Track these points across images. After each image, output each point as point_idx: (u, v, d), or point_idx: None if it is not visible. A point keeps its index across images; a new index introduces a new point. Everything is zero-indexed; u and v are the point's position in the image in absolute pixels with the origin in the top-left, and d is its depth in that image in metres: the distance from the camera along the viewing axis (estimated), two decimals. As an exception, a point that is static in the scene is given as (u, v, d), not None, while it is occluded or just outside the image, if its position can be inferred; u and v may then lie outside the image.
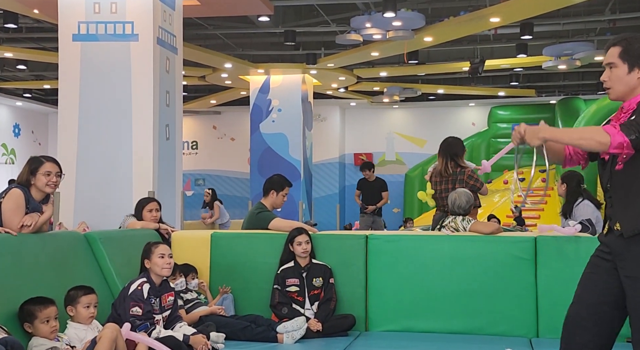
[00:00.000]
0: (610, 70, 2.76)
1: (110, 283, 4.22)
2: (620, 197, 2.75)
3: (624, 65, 2.72)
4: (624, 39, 2.77)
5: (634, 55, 2.71)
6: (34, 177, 3.93)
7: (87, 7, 6.79)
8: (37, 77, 15.27)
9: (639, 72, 2.71)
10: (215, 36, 12.28)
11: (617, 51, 2.74)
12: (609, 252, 2.80)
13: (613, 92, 2.78)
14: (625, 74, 2.72)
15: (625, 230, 2.70)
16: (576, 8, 10.13)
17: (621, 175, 2.73)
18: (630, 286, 2.70)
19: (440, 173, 5.80)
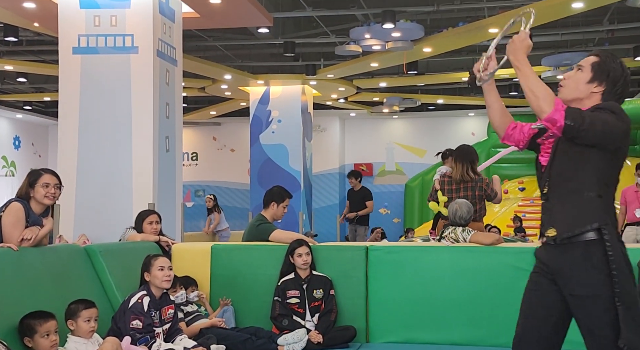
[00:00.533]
0: (575, 72, 2.80)
1: (111, 296, 4.21)
2: (557, 198, 2.73)
3: (590, 73, 2.76)
4: (606, 54, 2.82)
5: (602, 70, 2.75)
6: (32, 190, 3.93)
7: (87, 20, 6.83)
8: (37, 90, 15.31)
9: (596, 86, 2.75)
10: (215, 48, 12.32)
11: (593, 60, 2.79)
12: (547, 271, 2.76)
13: (564, 90, 2.80)
14: (584, 81, 2.76)
15: (560, 232, 2.66)
16: (575, 18, 10.18)
17: (559, 176, 2.73)
18: (578, 306, 2.65)
19: (457, 180, 5.77)
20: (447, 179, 5.93)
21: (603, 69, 2.76)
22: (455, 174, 5.80)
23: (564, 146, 2.72)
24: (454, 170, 5.84)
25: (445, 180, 5.95)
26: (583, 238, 2.64)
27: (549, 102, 2.59)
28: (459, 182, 5.80)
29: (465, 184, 5.79)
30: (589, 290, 2.61)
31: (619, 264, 2.60)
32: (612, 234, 2.63)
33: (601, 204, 2.68)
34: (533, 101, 2.64)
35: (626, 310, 2.58)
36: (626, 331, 2.57)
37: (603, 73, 2.75)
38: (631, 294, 2.62)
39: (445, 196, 5.84)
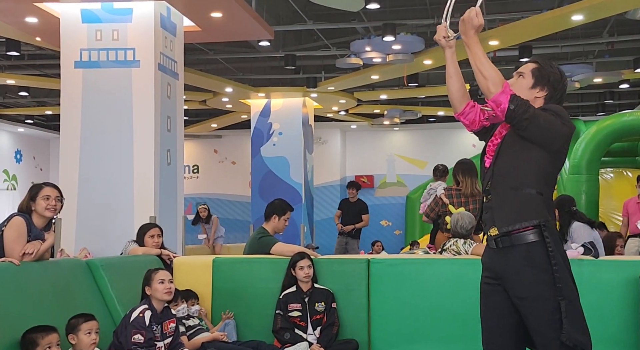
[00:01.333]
0: (517, 79, 2.89)
1: (112, 310, 4.20)
2: (497, 196, 2.78)
3: (531, 79, 2.85)
4: (543, 60, 2.91)
5: (542, 75, 2.84)
6: (34, 203, 3.95)
7: (89, 34, 6.86)
8: (38, 104, 15.35)
9: (539, 91, 2.84)
10: (216, 61, 12.37)
11: (532, 66, 2.88)
12: (493, 277, 2.81)
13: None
14: (527, 87, 2.84)
15: (499, 226, 2.70)
16: (574, 31, 10.21)
17: (500, 174, 2.77)
18: (525, 307, 2.70)
19: (468, 193, 5.93)
20: (455, 192, 6.00)
21: (543, 74, 2.85)
22: (465, 187, 5.93)
23: (507, 144, 2.79)
24: (464, 184, 5.95)
25: (453, 193, 6.02)
26: (524, 240, 2.69)
27: (497, 84, 2.67)
28: (468, 196, 5.93)
29: (473, 197, 5.92)
30: (534, 292, 2.67)
31: (559, 261, 2.66)
32: (552, 231, 2.70)
33: (542, 202, 2.73)
34: (482, 82, 2.73)
35: (568, 304, 2.63)
36: (568, 326, 2.62)
37: (544, 78, 2.84)
38: (572, 290, 2.69)
39: (460, 208, 5.84)
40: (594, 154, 11.06)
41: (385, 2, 9.13)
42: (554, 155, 2.76)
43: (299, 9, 9.62)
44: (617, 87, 13.65)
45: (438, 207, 6.18)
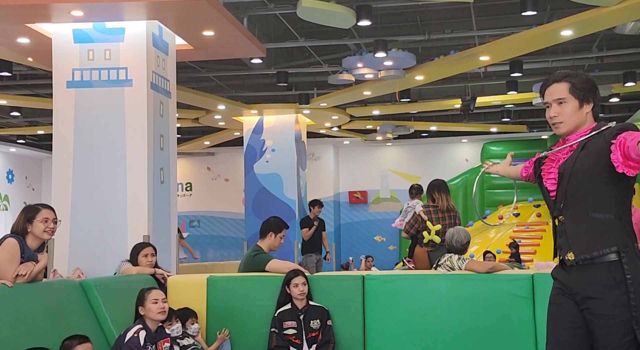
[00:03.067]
0: (560, 105, 2.76)
1: (106, 331, 4.17)
2: (572, 220, 2.70)
3: (575, 100, 2.75)
4: (568, 75, 2.79)
5: (582, 90, 2.75)
6: (30, 225, 3.92)
7: (81, 54, 6.87)
8: (30, 123, 15.33)
9: (587, 106, 2.76)
10: (209, 79, 12.40)
11: (566, 87, 2.76)
12: (566, 292, 2.75)
13: (565, 126, 2.77)
14: (577, 109, 2.75)
15: (577, 254, 2.65)
16: (564, 45, 10.30)
17: (574, 198, 2.69)
18: (596, 325, 2.65)
19: (444, 209, 6.38)
20: (432, 209, 6.44)
21: (580, 88, 2.75)
22: (441, 204, 6.40)
23: (580, 168, 2.68)
24: (439, 200, 6.44)
25: (430, 210, 6.45)
26: (604, 259, 2.62)
27: None
28: (444, 211, 6.40)
29: (449, 213, 6.41)
30: (608, 310, 2.60)
31: (637, 288, 2.58)
32: (631, 257, 2.61)
33: (621, 227, 2.65)
34: None
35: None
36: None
37: (583, 92, 2.75)
38: None
39: (437, 224, 6.32)
40: (586, 167, 11.10)
41: (377, 19, 9.19)
42: (631, 178, 2.66)
43: (290, 27, 9.67)
44: (607, 101, 13.74)
45: (417, 224, 6.51)
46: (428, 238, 6.39)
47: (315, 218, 10.77)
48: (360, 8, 7.86)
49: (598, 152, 2.64)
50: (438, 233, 6.32)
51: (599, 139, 2.66)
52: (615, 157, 2.50)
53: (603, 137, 2.65)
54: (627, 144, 2.45)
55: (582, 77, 2.77)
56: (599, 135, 2.67)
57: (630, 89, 11.99)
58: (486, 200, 16.38)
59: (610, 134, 2.63)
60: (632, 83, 11.30)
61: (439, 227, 6.29)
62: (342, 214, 18.01)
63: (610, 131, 2.65)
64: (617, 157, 2.49)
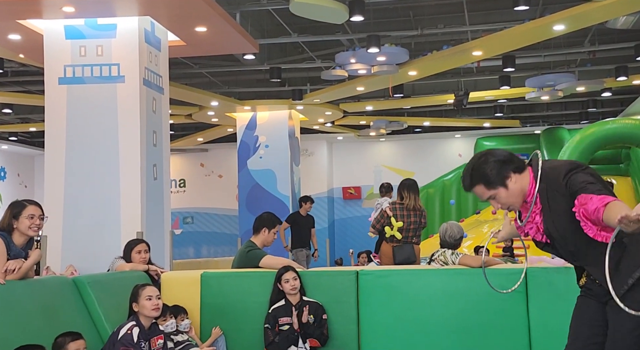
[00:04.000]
0: (495, 199, 2.86)
1: (100, 328, 4.16)
2: (590, 264, 2.78)
3: (499, 188, 2.81)
4: (472, 176, 2.84)
5: (495, 179, 2.80)
6: (16, 221, 3.89)
7: (73, 50, 6.84)
8: (22, 120, 15.27)
9: (509, 180, 2.80)
10: (201, 75, 12.37)
11: (482, 188, 2.84)
12: (595, 296, 2.84)
13: (513, 206, 2.87)
14: (506, 192, 2.82)
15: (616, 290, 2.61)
16: (556, 40, 10.32)
17: (579, 251, 2.77)
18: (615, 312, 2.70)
19: (410, 207, 6.73)
20: (399, 206, 6.78)
21: (491, 179, 2.80)
22: (408, 202, 6.74)
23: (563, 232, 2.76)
24: (407, 199, 6.77)
25: (397, 206, 6.78)
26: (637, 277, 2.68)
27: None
28: (410, 209, 6.74)
29: (415, 211, 6.75)
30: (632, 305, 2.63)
31: None
32: None
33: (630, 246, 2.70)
34: None
35: None
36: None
37: (494, 179, 2.80)
38: None
39: (400, 221, 6.69)
40: (579, 162, 11.14)
41: (370, 14, 9.18)
42: None
43: (283, 22, 9.65)
44: (599, 96, 13.79)
45: (383, 219, 6.83)
46: (390, 233, 6.71)
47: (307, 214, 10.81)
48: (353, 3, 7.85)
49: (565, 213, 2.71)
50: (400, 230, 6.69)
51: (554, 195, 2.74)
52: (587, 227, 2.60)
53: (556, 192, 2.73)
54: (589, 214, 2.54)
55: (485, 170, 2.81)
56: (549, 189, 2.75)
57: (623, 83, 12.03)
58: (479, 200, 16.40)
59: (560, 186, 2.71)
60: (624, 77, 11.33)
61: (401, 224, 6.65)
62: (336, 209, 18.02)
63: (556, 182, 2.72)
64: (589, 227, 2.60)
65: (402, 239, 6.72)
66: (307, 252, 10.82)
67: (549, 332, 4.18)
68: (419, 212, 6.79)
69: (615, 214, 2.37)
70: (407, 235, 6.73)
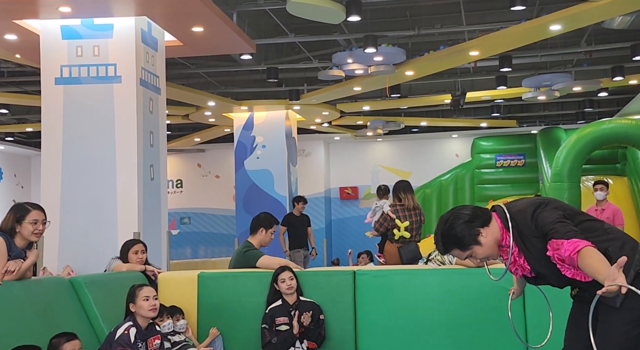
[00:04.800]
0: (474, 257, 2.95)
1: (97, 328, 4.16)
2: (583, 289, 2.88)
3: (473, 247, 2.89)
4: (444, 242, 2.91)
5: (464, 240, 2.88)
6: (19, 226, 3.88)
7: (70, 50, 6.83)
8: (19, 121, 15.24)
9: (480, 236, 2.88)
10: (198, 75, 12.36)
11: (458, 251, 2.92)
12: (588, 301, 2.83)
13: (492, 256, 2.96)
14: (481, 248, 2.89)
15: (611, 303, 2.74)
16: (553, 40, 10.33)
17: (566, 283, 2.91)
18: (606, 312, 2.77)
19: (410, 207, 6.92)
20: (400, 207, 6.94)
21: (464, 241, 2.88)
22: (407, 202, 6.94)
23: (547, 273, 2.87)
24: (405, 199, 6.97)
25: (398, 208, 6.94)
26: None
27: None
28: (410, 209, 6.93)
29: (414, 210, 6.95)
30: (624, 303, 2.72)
31: None
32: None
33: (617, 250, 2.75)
34: None
35: None
36: None
37: (465, 240, 2.87)
38: None
39: (405, 221, 6.85)
40: (575, 162, 11.17)
41: (366, 14, 9.18)
42: None
43: (280, 22, 9.65)
44: (596, 96, 13.81)
45: (387, 222, 6.97)
46: (399, 235, 6.86)
47: (300, 214, 10.81)
48: (350, 3, 7.85)
49: (544, 257, 2.80)
50: (407, 229, 6.85)
51: (528, 238, 2.84)
52: (564, 269, 2.71)
53: (529, 235, 2.83)
54: (564, 258, 2.65)
55: (451, 229, 2.88)
56: (521, 234, 2.85)
57: (619, 83, 12.05)
58: (476, 195, 16.44)
59: (530, 228, 2.82)
60: (621, 77, 11.35)
61: (407, 224, 6.84)
62: (333, 209, 18.02)
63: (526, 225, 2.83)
64: (565, 268, 2.71)
65: (409, 238, 6.87)
66: (305, 252, 10.83)
67: (545, 332, 4.18)
68: (418, 211, 7.00)
69: (589, 263, 2.54)
70: (412, 233, 6.91)
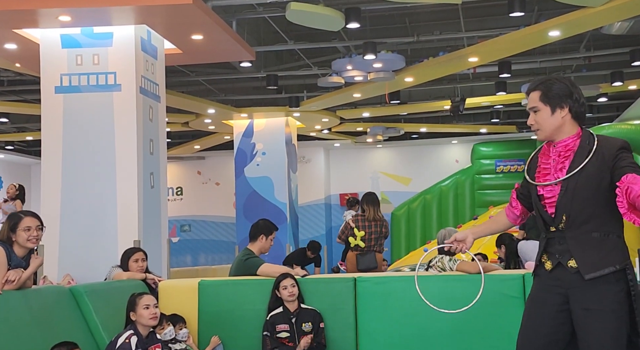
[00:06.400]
0: (535, 113, 2.87)
1: (97, 337, 4.15)
2: (575, 238, 2.80)
3: (546, 107, 2.84)
4: (541, 82, 2.88)
5: (553, 97, 2.83)
6: (14, 234, 3.87)
7: (69, 59, 6.84)
8: (19, 130, 15.25)
9: (561, 111, 2.83)
10: (198, 82, 12.38)
11: (537, 95, 2.86)
12: (559, 285, 2.83)
13: (542, 133, 2.89)
14: (549, 116, 2.84)
15: (584, 270, 2.74)
16: (552, 46, 10.35)
17: (578, 218, 2.78)
18: (585, 316, 2.74)
19: (370, 218, 7.28)
20: (361, 218, 7.35)
21: (551, 96, 2.83)
22: (369, 214, 7.31)
23: (580, 192, 2.76)
24: (368, 211, 7.34)
25: (359, 218, 7.36)
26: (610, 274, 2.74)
27: None
28: (371, 220, 7.30)
29: (375, 222, 7.32)
30: (606, 306, 2.70)
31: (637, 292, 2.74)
32: (631, 269, 2.78)
33: (623, 244, 2.79)
34: None
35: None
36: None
37: (555, 98, 2.83)
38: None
39: (362, 231, 7.25)
40: (576, 167, 11.16)
41: (366, 21, 9.20)
42: None
43: (279, 30, 9.67)
44: (595, 101, 13.82)
45: (347, 230, 7.40)
46: (354, 243, 7.27)
47: None
48: (349, 10, 7.87)
49: (598, 175, 2.74)
50: (363, 239, 7.25)
51: (597, 160, 2.75)
52: (621, 204, 2.56)
53: (602, 158, 2.74)
54: (633, 195, 2.51)
55: (554, 84, 2.85)
56: (596, 154, 2.76)
57: (618, 89, 12.06)
58: (477, 200, 16.43)
59: (611, 155, 2.74)
60: (620, 83, 11.36)
61: (363, 234, 7.23)
62: (334, 216, 18.00)
63: (610, 152, 2.74)
64: (622, 204, 2.55)
65: (365, 247, 7.27)
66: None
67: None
68: (380, 222, 7.36)
69: None
70: (370, 244, 7.26)
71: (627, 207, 2.53)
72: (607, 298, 2.71)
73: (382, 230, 7.34)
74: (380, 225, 7.35)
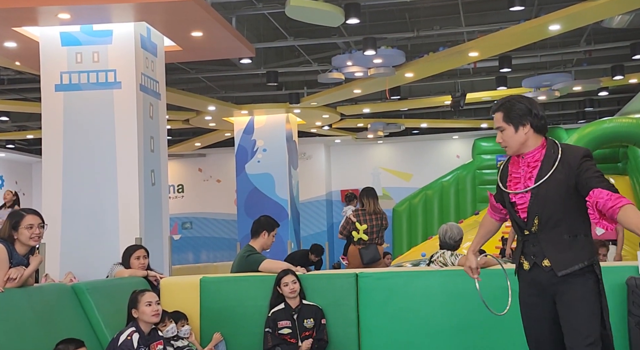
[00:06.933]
0: (502, 132, 3.16)
1: (99, 334, 4.15)
2: (546, 238, 3.07)
3: (510, 126, 3.13)
4: (502, 104, 3.17)
5: (515, 117, 3.12)
6: (16, 232, 3.87)
7: (69, 57, 6.84)
8: (19, 128, 15.25)
9: (523, 128, 3.11)
10: (198, 80, 12.37)
11: (501, 116, 3.16)
12: (540, 289, 3.12)
13: (510, 149, 3.17)
14: (513, 134, 3.12)
15: (557, 268, 3.03)
16: (552, 40, 10.33)
17: (550, 220, 3.05)
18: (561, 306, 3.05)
19: (371, 211, 7.35)
20: (361, 212, 7.41)
21: (513, 114, 3.11)
22: (369, 207, 7.39)
23: (551, 197, 3.03)
24: (367, 204, 7.42)
25: (359, 213, 7.42)
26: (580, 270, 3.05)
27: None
28: (371, 214, 7.37)
29: (376, 215, 7.39)
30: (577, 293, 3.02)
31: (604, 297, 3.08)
32: (598, 265, 3.08)
33: (588, 242, 3.08)
34: None
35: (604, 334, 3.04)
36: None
37: (517, 117, 3.10)
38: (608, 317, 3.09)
39: (364, 224, 7.32)
40: (577, 161, 11.14)
41: (365, 17, 9.19)
42: None
43: (279, 26, 9.66)
44: (596, 95, 13.80)
45: (349, 226, 7.45)
46: (357, 236, 7.31)
47: None
48: (349, 6, 7.86)
49: (565, 181, 3.01)
50: (365, 232, 7.29)
51: (563, 167, 3.02)
52: (592, 216, 2.93)
53: (568, 166, 3.02)
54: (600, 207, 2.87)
55: (515, 104, 3.13)
56: (562, 162, 3.04)
57: (619, 82, 12.04)
58: (478, 196, 16.42)
59: (576, 163, 3.01)
60: (621, 76, 11.34)
61: (365, 227, 7.28)
62: (335, 212, 17.99)
63: (575, 160, 3.01)
64: (594, 216, 2.92)
65: (367, 240, 7.32)
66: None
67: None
68: (380, 215, 7.43)
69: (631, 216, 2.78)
70: (372, 237, 7.33)
71: (598, 218, 2.89)
72: (577, 287, 3.01)
73: (382, 223, 7.43)
74: (380, 217, 7.43)
